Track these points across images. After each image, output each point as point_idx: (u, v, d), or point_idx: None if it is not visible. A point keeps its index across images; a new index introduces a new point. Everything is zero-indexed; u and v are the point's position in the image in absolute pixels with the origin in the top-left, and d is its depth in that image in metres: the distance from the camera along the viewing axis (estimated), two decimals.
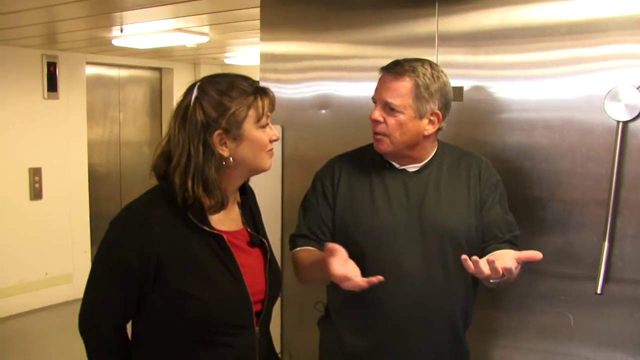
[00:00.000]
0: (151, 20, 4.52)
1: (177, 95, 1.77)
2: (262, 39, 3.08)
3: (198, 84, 1.71)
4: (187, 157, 1.66)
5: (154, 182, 1.79)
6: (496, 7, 2.46)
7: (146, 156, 7.38)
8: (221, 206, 1.73)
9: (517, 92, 2.45)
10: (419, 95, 2.01)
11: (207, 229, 1.70)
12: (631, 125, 2.21)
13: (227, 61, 7.17)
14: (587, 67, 2.30)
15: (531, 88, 2.42)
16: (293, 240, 2.20)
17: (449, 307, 2.10)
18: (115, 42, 5.53)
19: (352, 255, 1.81)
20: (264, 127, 1.73)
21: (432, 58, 2.60)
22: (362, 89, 2.77)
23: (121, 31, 4.91)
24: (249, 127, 1.70)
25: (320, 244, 2.07)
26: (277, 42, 3.05)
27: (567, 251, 2.37)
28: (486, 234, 2.09)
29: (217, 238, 1.71)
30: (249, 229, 1.84)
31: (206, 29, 4.96)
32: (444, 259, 2.05)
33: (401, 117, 2.02)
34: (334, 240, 1.93)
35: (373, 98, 2.10)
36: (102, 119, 7.29)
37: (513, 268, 1.75)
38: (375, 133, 2.09)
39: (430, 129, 2.07)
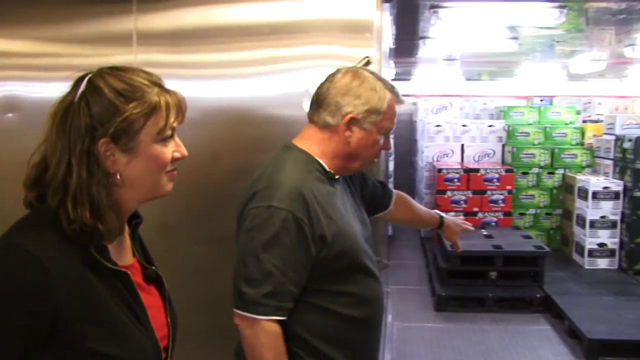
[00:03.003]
0: None
1: None
2: None
3: (89, 76, 1.33)
4: (66, 168, 1.27)
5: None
6: (198, 5, 2.47)
7: None
8: (117, 234, 1.36)
9: (221, 90, 2.48)
10: None
11: (110, 265, 1.32)
12: None
13: None
14: (287, 66, 2.43)
15: (234, 86, 2.47)
16: (273, 305, 1.78)
17: None
18: None
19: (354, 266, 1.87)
20: (165, 141, 1.37)
21: (131, 57, 2.52)
22: (55, 89, 2.55)
23: None
24: (147, 139, 1.33)
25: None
26: None
27: None
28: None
29: (121, 276, 1.34)
30: (140, 262, 1.49)
31: None
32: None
33: None
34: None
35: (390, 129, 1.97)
36: None
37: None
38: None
39: None
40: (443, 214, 2.59)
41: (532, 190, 7.56)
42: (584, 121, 8.83)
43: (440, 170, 7.16)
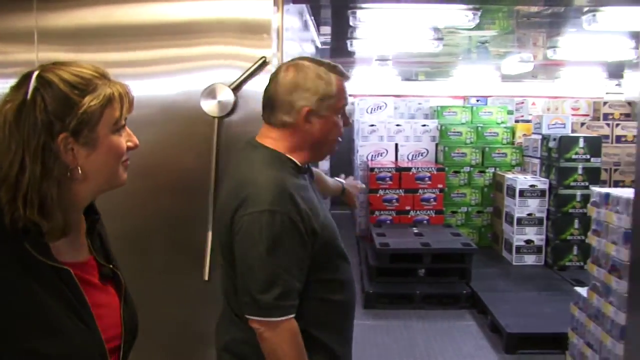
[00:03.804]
0: None
1: None
2: None
3: (37, 72, 1.30)
4: (19, 167, 1.26)
5: None
6: (99, 4, 2.46)
7: None
8: (62, 232, 1.32)
9: None
10: None
11: (48, 262, 1.29)
12: (226, 120, 2.40)
13: None
14: (186, 66, 2.44)
15: (135, 86, 2.44)
16: (287, 304, 1.83)
17: None
18: None
19: (335, 253, 1.96)
20: (120, 131, 1.39)
21: (32, 55, 2.50)
22: None
23: None
24: (105, 130, 1.34)
25: None
26: None
27: (175, 241, 2.48)
28: None
29: (61, 273, 1.31)
30: (98, 259, 1.47)
31: None
32: None
33: None
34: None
35: (345, 106, 2.00)
36: None
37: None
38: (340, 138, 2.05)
39: None
40: (344, 181, 2.68)
41: (463, 189, 7.71)
42: (517, 121, 9.04)
43: (372, 169, 7.24)
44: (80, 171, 1.32)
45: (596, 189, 3.90)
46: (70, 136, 1.29)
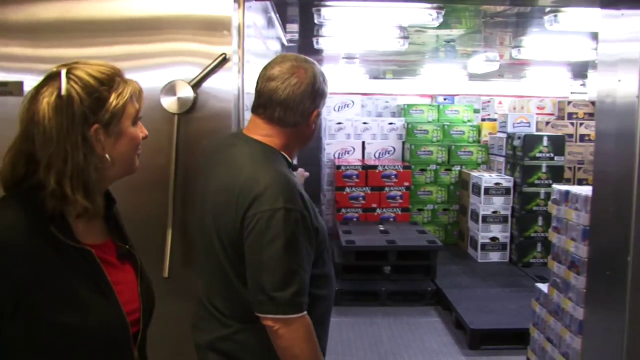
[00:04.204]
0: None
1: None
2: None
3: (64, 70, 1.44)
4: (63, 155, 1.40)
5: None
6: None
7: None
8: (98, 213, 1.50)
9: None
10: None
11: (72, 243, 1.44)
12: (186, 117, 2.39)
13: None
14: (145, 63, 2.42)
15: None
16: (302, 301, 1.84)
17: None
18: None
19: (324, 247, 1.97)
20: (136, 123, 1.56)
21: None
22: None
23: None
24: (127, 122, 1.52)
25: None
26: None
27: (134, 238, 2.44)
28: None
29: (84, 254, 1.46)
30: (115, 241, 1.62)
31: None
32: None
33: None
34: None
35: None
36: None
37: None
38: None
39: None
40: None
41: (429, 187, 7.77)
42: (483, 119, 9.13)
43: (339, 167, 7.26)
44: (109, 159, 1.49)
45: (557, 186, 3.95)
46: (101, 128, 1.46)
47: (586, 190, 3.49)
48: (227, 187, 1.90)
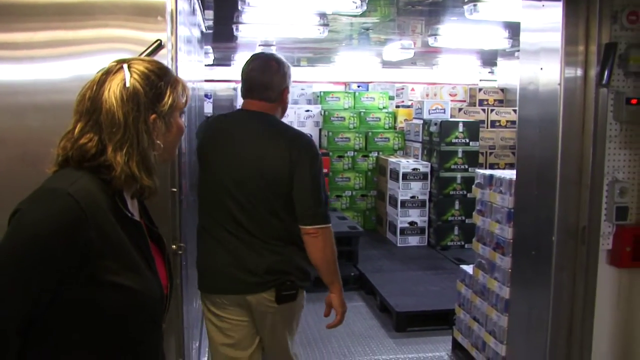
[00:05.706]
0: None
1: None
2: None
3: (126, 64, 1.59)
4: (131, 139, 1.55)
5: None
6: None
7: None
8: (153, 192, 1.65)
9: (4, 73, 2.32)
10: None
11: (129, 215, 1.60)
12: None
13: None
14: (77, 49, 2.30)
15: (18, 70, 2.32)
16: (328, 214, 2.66)
17: None
18: None
19: None
20: (182, 115, 1.73)
21: None
22: None
23: None
24: (176, 114, 1.67)
25: None
26: None
27: None
28: None
29: (138, 226, 1.62)
30: (145, 222, 1.76)
31: None
32: None
33: None
34: None
35: None
36: None
37: None
38: None
39: None
40: None
41: (347, 173, 7.85)
42: (398, 106, 9.30)
43: None
44: (162, 146, 1.63)
45: (480, 171, 4.08)
46: (159, 117, 1.60)
47: (510, 174, 3.62)
48: (269, 140, 2.64)
